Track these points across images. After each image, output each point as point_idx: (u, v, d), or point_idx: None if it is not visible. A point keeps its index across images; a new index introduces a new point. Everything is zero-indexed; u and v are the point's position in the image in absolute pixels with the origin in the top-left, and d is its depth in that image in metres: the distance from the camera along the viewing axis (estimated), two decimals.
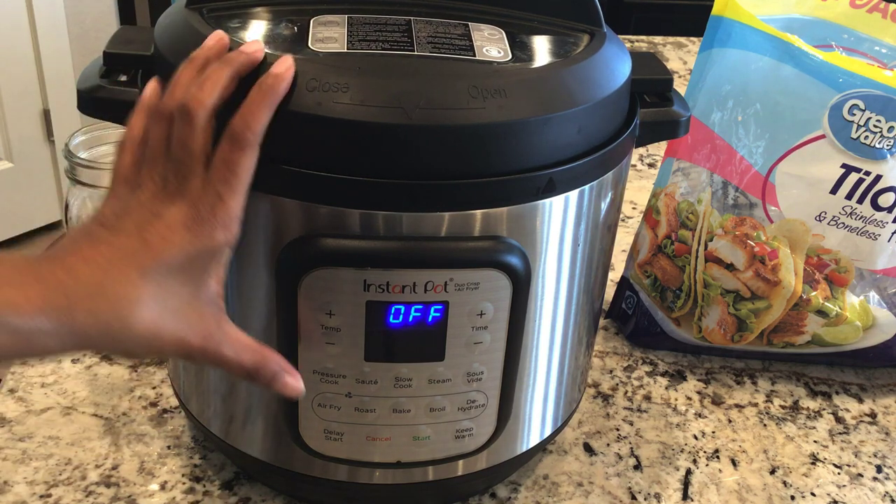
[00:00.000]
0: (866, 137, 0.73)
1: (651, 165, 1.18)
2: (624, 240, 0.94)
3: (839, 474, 0.72)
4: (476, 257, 0.51)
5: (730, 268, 0.78)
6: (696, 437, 0.74)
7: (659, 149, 1.19)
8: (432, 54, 0.52)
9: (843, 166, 0.74)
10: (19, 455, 0.67)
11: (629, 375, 0.81)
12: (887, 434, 0.77)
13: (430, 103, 0.48)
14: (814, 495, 0.70)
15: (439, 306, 0.52)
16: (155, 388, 0.74)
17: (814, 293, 0.77)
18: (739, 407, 0.78)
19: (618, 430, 0.74)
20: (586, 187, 0.54)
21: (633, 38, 1.63)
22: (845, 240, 0.77)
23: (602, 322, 0.87)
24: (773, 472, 0.72)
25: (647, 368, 0.82)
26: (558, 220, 0.54)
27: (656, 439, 0.74)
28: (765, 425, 0.76)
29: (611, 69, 0.55)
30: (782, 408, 0.79)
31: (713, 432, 0.75)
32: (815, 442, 0.75)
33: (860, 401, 0.80)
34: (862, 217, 0.75)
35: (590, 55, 0.55)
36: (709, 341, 0.81)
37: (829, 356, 0.82)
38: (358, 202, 0.49)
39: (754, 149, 0.76)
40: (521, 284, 0.53)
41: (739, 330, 0.79)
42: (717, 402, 0.79)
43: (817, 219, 0.76)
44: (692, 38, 1.63)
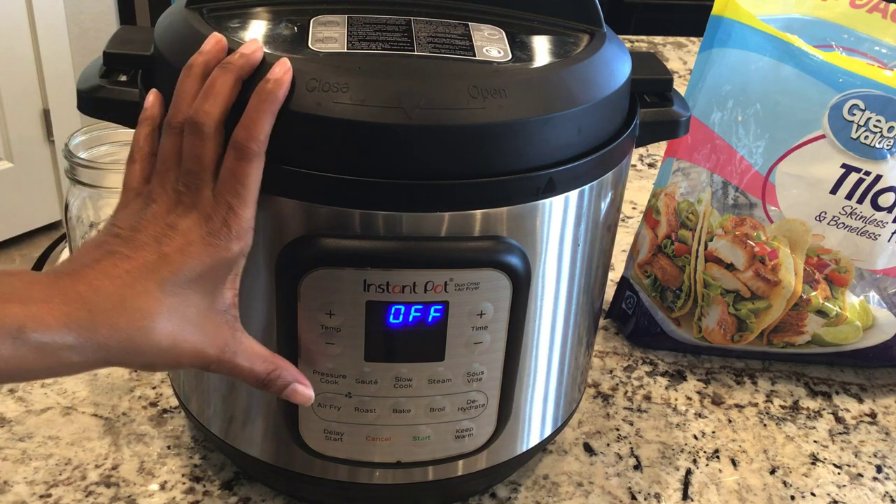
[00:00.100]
0: (866, 137, 0.73)
1: (651, 165, 1.18)
2: (624, 240, 0.94)
3: (839, 474, 0.72)
4: (476, 257, 0.51)
5: (730, 268, 0.78)
6: (696, 437, 0.74)
7: (659, 149, 1.19)
8: (432, 54, 0.52)
9: (843, 166, 0.74)
10: (19, 455, 0.67)
11: (629, 375, 0.81)
12: (887, 434, 0.77)
13: (429, 103, 0.48)
14: (814, 495, 0.70)
15: (439, 306, 0.52)
16: (155, 388, 0.74)
17: (814, 293, 0.77)
18: (739, 407, 0.78)
19: (618, 430, 0.74)
20: (586, 187, 0.54)
21: (633, 38, 1.63)
22: (845, 240, 0.77)
23: (602, 322, 0.87)
24: (773, 472, 0.72)
25: (647, 368, 0.82)
26: (558, 220, 0.54)
27: (656, 439, 0.74)
28: (765, 425, 0.76)
29: (611, 69, 0.55)
30: (782, 408, 0.79)
31: (713, 432, 0.75)
32: (815, 442, 0.75)
33: (860, 401, 0.80)
34: (862, 217, 0.75)
35: (590, 55, 0.55)
36: (709, 341, 0.81)
37: (829, 356, 0.82)
38: (358, 202, 0.49)
39: (754, 149, 0.76)
40: (521, 284, 0.53)
41: (739, 330, 0.79)
42: (717, 402, 0.79)
43: (817, 219, 0.76)
44: (692, 38, 1.63)
